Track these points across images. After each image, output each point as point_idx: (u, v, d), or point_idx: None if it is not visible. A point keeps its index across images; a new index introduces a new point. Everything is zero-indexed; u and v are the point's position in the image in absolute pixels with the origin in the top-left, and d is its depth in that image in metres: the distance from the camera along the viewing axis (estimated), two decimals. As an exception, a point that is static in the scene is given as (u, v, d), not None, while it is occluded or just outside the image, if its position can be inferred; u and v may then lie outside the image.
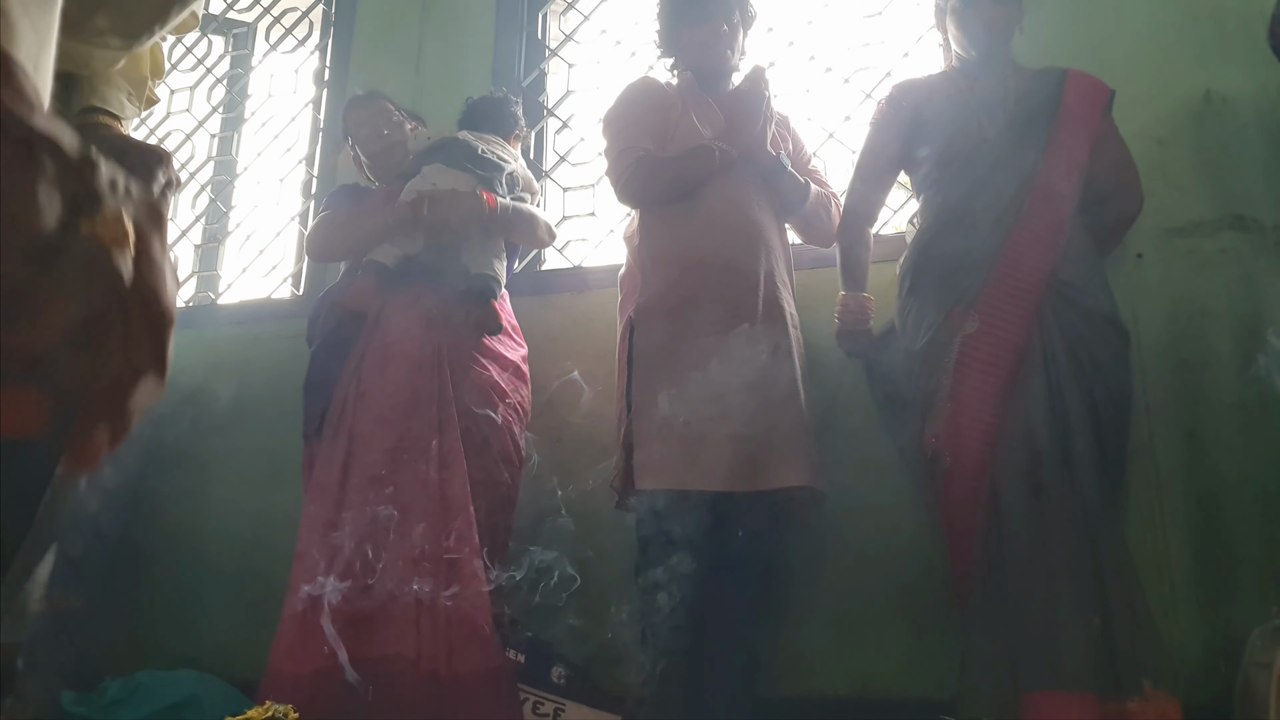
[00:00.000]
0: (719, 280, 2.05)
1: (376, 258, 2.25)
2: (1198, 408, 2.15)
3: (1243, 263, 2.21)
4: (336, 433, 2.08)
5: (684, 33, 2.27)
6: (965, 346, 1.87)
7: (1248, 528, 2.05)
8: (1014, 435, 1.78)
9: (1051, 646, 1.64)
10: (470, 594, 1.92)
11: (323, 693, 1.81)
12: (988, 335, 1.86)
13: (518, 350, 2.29)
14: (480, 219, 2.22)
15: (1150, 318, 2.23)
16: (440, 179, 2.25)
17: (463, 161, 2.28)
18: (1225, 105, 2.33)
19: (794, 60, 2.83)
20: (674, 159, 2.15)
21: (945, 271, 1.94)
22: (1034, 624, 1.67)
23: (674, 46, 2.31)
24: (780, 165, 2.19)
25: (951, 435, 1.82)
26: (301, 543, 2.00)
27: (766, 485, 1.93)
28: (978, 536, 1.75)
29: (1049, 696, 1.63)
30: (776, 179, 2.19)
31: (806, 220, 2.26)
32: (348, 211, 2.37)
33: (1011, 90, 2.06)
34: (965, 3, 2.08)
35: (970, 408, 1.82)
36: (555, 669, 2.19)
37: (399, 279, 2.21)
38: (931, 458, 1.87)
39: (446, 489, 1.98)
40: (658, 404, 1.98)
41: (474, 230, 2.22)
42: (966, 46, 2.11)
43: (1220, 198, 2.28)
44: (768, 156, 2.18)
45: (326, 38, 3.39)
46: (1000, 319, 1.86)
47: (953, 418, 1.83)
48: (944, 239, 1.97)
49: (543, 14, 3.18)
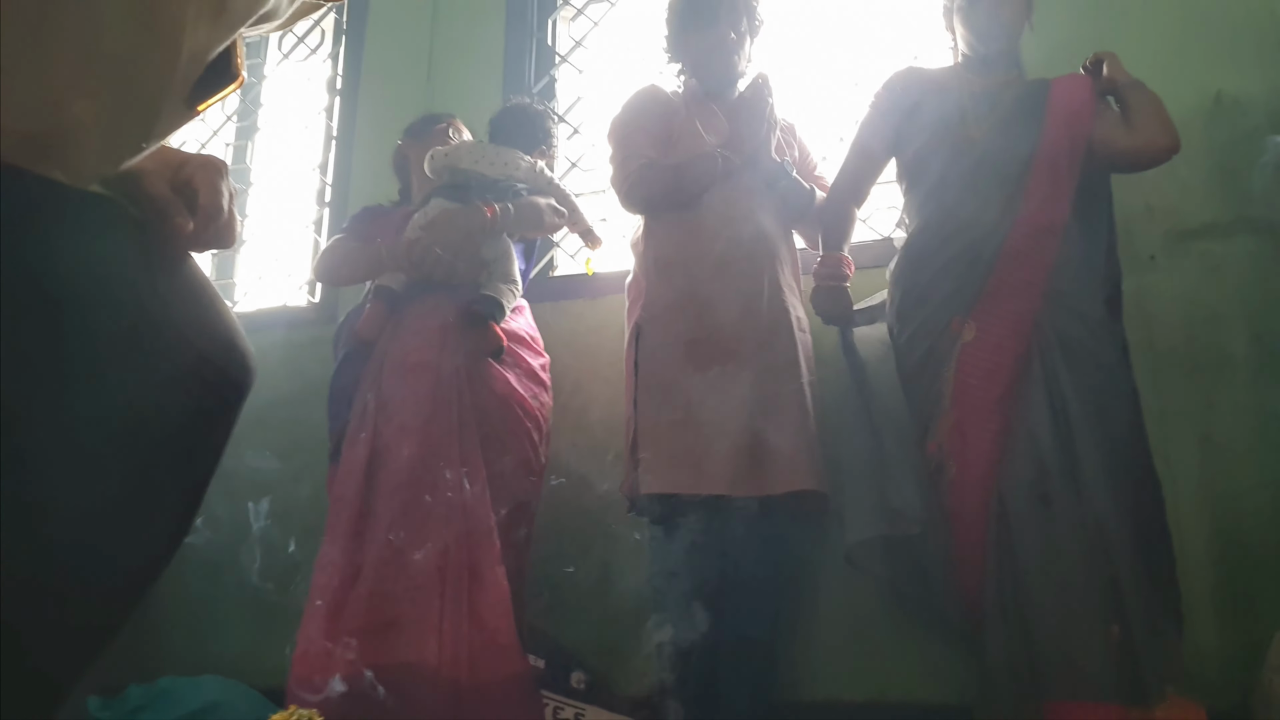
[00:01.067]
0: (724, 285, 2.06)
1: (385, 283, 2.27)
2: (1211, 412, 2.15)
3: (1256, 265, 2.21)
4: (356, 442, 2.10)
5: (691, 39, 2.28)
6: (965, 355, 1.87)
7: (1265, 532, 2.05)
8: (1019, 443, 1.79)
9: (1070, 655, 1.65)
10: (491, 601, 1.94)
11: (345, 699, 1.83)
12: (986, 343, 1.86)
13: (537, 358, 2.31)
14: (483, 231, 2.22)
15: (1163, 321, 2.24)
16: (444, 219, 2.25)
17: (469, 197, 2.28)
18: (1237, 107, 2.33)
19: (802, 65, 2.83)
20: (677, 166, 2.16)
21: (940, 280, 1.94)
22: (1051, 633, 1.68)
23: (681, 52, 2.32)
24: (784, 171, 2.19)
25: (957, 444, 1.83)
26: (324, 551, 2.02)
27: (771, 490, 1.95)
28: (988, 544, 1.76)
29: (1071, 706, 1.64)
30: (781, 185, 2.20)
31: (812, 226, 2.27)
32: (358, 238, 2.38)
33: (1005, 97, 2.06)
34: (972, 1, 2.08)
35: (974, 416, 1.83)
36: (575, 674, 2.21)
37: (413, 296, 2.22)
38: (936, 467, 1.88)
39: (467, 496, 2.00)
40: (663, 409, 2.00)
41: (481, 243, 2.22)
42: (973, 44, 2.12)
43: (1232, 200, 2.28)
44: (772, 163, 2.19)
45: (338, 46, 3.41)
46: (998, 326, 1.87)
47: (957, 426, 1.84)
48: (936, 246, 1.98)
49: (552, 20, 3.19)
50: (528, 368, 2.25)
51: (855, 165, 2.19)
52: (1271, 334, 2.16)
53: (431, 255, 2.17)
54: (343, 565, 1.98)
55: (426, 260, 2.18)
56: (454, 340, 2.15)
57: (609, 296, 2.60)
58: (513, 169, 2.35)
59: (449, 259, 2.18)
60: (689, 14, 2.27)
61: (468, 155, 2.34)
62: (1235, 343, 2.18)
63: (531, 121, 2.50)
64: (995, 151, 1.99)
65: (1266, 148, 2.21)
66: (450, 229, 2.20)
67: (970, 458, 1.82)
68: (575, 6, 3.20)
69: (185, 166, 0.86)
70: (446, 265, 2.19)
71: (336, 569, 1.98)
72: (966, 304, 1.91)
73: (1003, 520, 1.77)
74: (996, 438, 1.81)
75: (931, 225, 2.02)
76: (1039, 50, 2.30)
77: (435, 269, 2.19)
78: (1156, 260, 2.28)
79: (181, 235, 0.84)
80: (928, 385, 1.92)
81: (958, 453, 1.83)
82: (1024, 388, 1.83)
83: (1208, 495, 2.11)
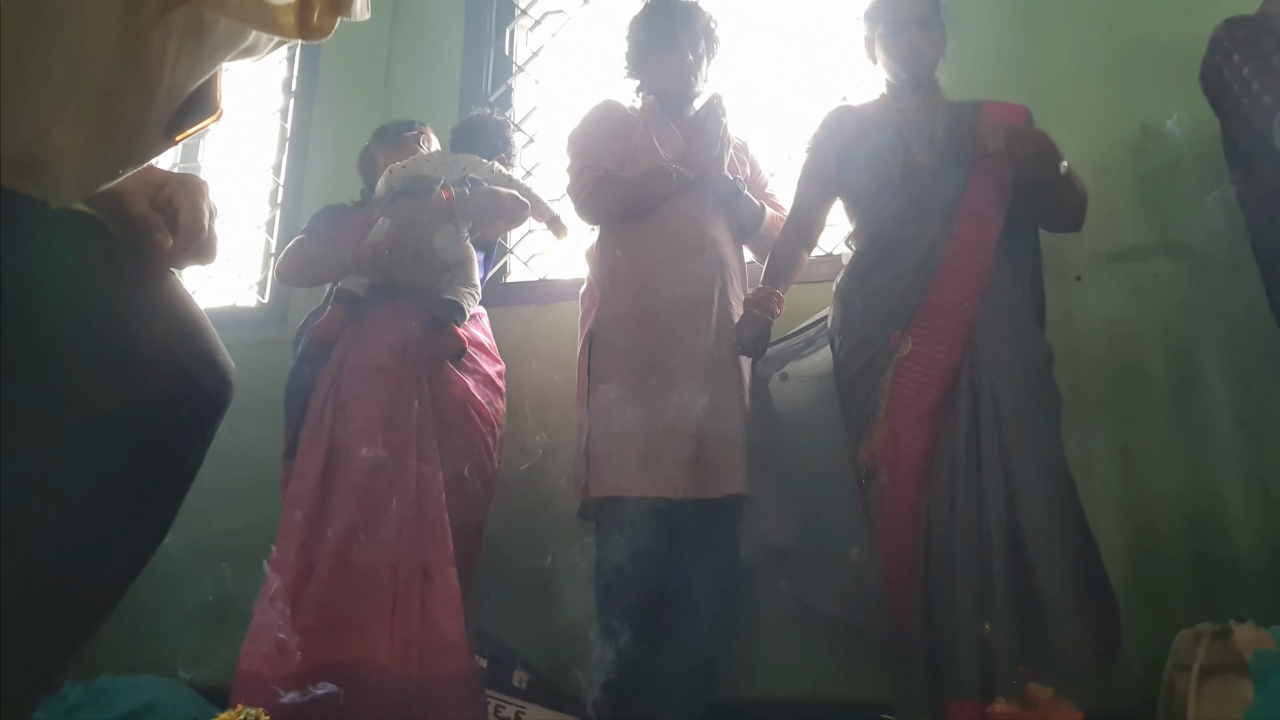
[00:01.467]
0: (674, 297, 2.12)
1: (347, 286, 2.29)
2: (1131, 424, 2.26)
3: (1175, 286, 2.34)
4: (313, 442, 2.11)
5: (652, 59, 2.36)
6: (900, 368, 1.95)
7: (1176, 538, 2.16)
8: (944, 452, 1.87)
9: (973, 656, 1.74)
10: (442, 601, 1.96)
11: (294, 695, 1.83)
12: (921, 355, 1.94)
13: (494, 365, 2.34)
14: (444, 215, 2.25)
15: (1088, 338, 2.35)
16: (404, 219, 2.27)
17: (428, 194, 2.30)
18: (1161, 137, 2.46)
19: (755, 84, 2.91)
20: (632, 179, 2.23)
21: (881, 297, 2.02)
22: (957, 634, 1.76)
23: (641, 70, 2.40)
24: (736, 189, 2.27)
25: (889, 453, 1.90)
26: (277, 549, 2.03)
27: (713, 493, 2.02)
28: (916, 551, 1.84)
29: (954, 705, 1.73)
30: (733, 202, 2.28)
31: (762, 241, 2.36)
32: (319, 238, 2.39)
33: (939, 120, 2.15)
34: (893, 30, 2.15)
35: (907, 426, 1.90)
36: (517, 673, 2.24)
37: (375, 300, 2.24)
38: (867, 474, 1.95)
39: (422, 498, 2.02)
40: (613, 415, 2.05)
41: (442, 224, 2.24)
42: (896, 72, 2.19)
43: (1155, 224, 2.40)
44: (724, 180, 2.27)
45: (294, 47, 3.41)
46: (933, 339, 1.95)
47: (891, 436, 1.91)
48: (879, 265, 2.05)
49: (510, 30, 3.24)
50: (484, 374, 2.28)
51: (802, 212, 2.24)
52: (1188, 351, 2.28)
53: (395, 255, 2.20)
54: (296, 563, 1.99)
55: (390, 262, 2.20)
56: (415, 345, 2.17)
57: (562, 303, 2.65)
58: (471, 170, 2.39)
59: (410, 256, 2.21)
60: (651, 35, 2.35)
61: (427, 164, 2.38)
62: (1154, 359, 2.29)
63: (490, 131, 2.55)
64: (938, 173, 2.08)
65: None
66: (410, 225, 2.23)
67: (902, 466, 1.89)
68: (533, 17, 3.25)
69: (167, 185, 0.90)
70: (409, 264, 2.21)
71: (289, 567, 1.99)
72: (904, 319, 1.98)
73: (927, 526, 1.84)
74: (927, 447, 1.88)
75: (876, 244, 2.10)
76: (975, 82, 2.39)
77: (398, 269, 2.21)
78: (1083, 280, 2.40)
79: (161, 252, 0.87)
80: (864, 396, 1.99)
81: (889, 461, 1.90)
82: (955, 399, 1.91)
83: (1125, 503, 2.22)
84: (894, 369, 1.96)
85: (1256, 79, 1.92)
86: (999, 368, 1.91)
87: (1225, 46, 2.02)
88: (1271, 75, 1.91)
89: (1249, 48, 1.96)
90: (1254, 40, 1.97)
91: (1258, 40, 1.96)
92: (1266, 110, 1.90)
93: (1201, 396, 2.25)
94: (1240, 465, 2.19)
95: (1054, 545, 1.78)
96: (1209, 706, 1.70)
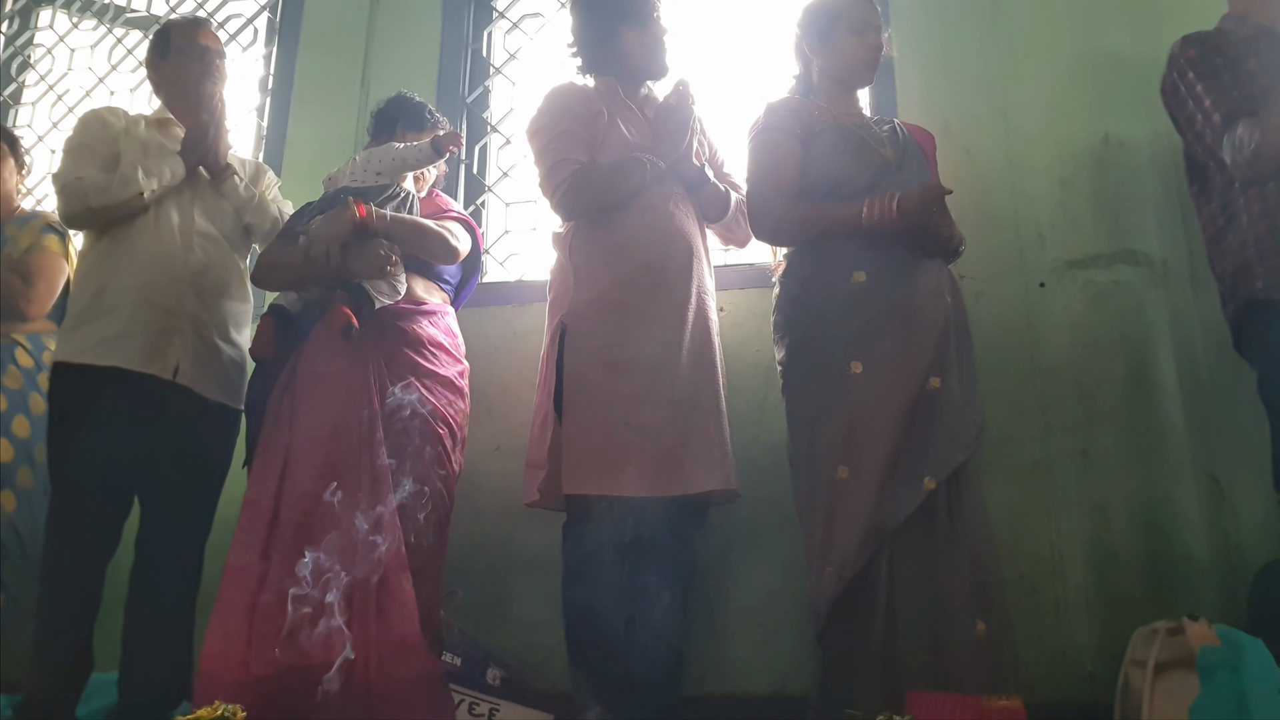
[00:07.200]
0: (651, 288, 2.10)
1: (279, 302, 2.27)
2: (1090, 427, 2.32)
3: (1134, 294, 2.40)
4: (270, 450, 2.11)
5: (627, 33, 2.26)
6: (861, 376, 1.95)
7: (1133, 539, 2.23)
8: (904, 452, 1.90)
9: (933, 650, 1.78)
10: (397, 605, 1.96)
11: (253, 699, 1.84)
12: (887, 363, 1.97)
13: (453, 365, 2.30)
14: (354, 226, 2.16)
15: (1050, 343, 2.41)
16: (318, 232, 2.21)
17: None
18: (1122, 148, 2.52)
19: (705, 65, 2.92)
20: (608, 172, 2.16)
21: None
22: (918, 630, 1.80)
23: (604, 48, 2.29)
24: (704, 177, 2.25)
25: (855, 456, 1.91)
26: (234, 553, 2.04)
27: (687, 489, 2.00)
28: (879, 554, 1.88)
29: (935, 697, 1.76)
30: (701, 190, 2.25)
31: (727, 226, 2.34)
32: (294, 239, 2.34)
33: (872, 123, 2.18)
34: (857, 32, 2.16)
35: (867, 427, 1.91)
36: (491, 670, 2.26)
37: (323, 307, 2.19)
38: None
39: (376, 503, 2.01)
40: (587, 410, 2.03)
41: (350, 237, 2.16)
42: (850, 73, 2.19)
43: (1116, 233, 2.46)
44: (693, 169, 2.24)
45: (271, 46, 3.41)
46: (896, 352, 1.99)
47: (854, 438, 1.92)
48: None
49: (488, 32, 3.25)
50: (443, 375, 2.25)
51: (778, 168, 2.13)
52: (1145, 357, 2.35)
53: (311, 266, 2.17)
54: (254, 568, 1.99)
55: (315, 258, 2.16)
56: (366, 349, 2.15)
57: (536, 304, 2.66)
58: (376, 168, 2.31)
59: (322, 267, 2.15)
60: (624, 8, 2.26)
61: (346, 174, 2.34)
62: (1113, 364, 2.35)
63: (398, 110, 2.49)
64: (904, 168, 2.12)
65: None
66: (327, 225, 2.19)
67: (866, 467, 1.91)
68: (510, 19, 3.27)
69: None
70: (330, 260, 2.14)
71: (249, 571, 1.99)
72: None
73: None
74: (891, 449, 1.91)
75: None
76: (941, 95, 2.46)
77: (322, 265, 2.16)
78: (1046, 286, 2.46)
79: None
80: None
81: (853, 463, 1.92)
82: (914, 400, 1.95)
83: (1084, 504, 2.27)
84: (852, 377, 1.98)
85: (1209, 96, 1.99)
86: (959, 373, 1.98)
87: (1181, 64, 2.08)
88: (1222, 92, 1.97)
89: (1200, 65, 2.03)
90: (1206, 59, 2.03)
91: (1209, 59, 2.03)
92: (1217, 127, 1.96)
93: (1158, 401, 2.31)
94: (1195, 467, 2.26)
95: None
96: (1163, 702, 1.75)
